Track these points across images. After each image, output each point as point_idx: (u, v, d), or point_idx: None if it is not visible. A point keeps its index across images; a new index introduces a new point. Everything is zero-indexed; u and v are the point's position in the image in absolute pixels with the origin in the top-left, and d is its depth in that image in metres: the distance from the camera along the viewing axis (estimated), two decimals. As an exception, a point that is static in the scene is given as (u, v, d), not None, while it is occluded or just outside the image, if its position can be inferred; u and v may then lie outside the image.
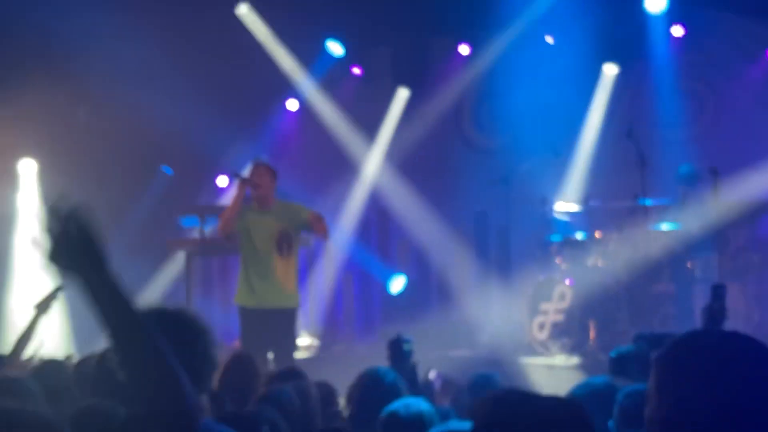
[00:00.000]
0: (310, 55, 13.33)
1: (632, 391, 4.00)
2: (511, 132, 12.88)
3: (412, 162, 13.44)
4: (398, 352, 5.39)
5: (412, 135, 13.45)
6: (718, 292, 4.83)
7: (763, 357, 2.20)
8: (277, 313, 8.60)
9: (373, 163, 13.60)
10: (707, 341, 2.29)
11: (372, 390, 4.60)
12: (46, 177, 12.26)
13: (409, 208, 13.28)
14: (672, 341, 2.29)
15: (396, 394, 4.50)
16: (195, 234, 11.32)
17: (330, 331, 12.95)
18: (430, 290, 13.26)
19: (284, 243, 8.58)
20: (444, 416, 4.67)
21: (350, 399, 4.69)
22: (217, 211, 11.73)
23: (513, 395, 2.43)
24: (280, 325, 8.59)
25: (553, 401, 2.40)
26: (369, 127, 13.63)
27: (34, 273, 11.81)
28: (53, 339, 8.39)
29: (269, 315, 8.55)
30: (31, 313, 6.64)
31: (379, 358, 7.78)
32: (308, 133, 13.81)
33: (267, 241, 8.59)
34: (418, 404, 4.15)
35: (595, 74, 12.97)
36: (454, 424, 3.98)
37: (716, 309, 4.74)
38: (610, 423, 4.09)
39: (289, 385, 5.00)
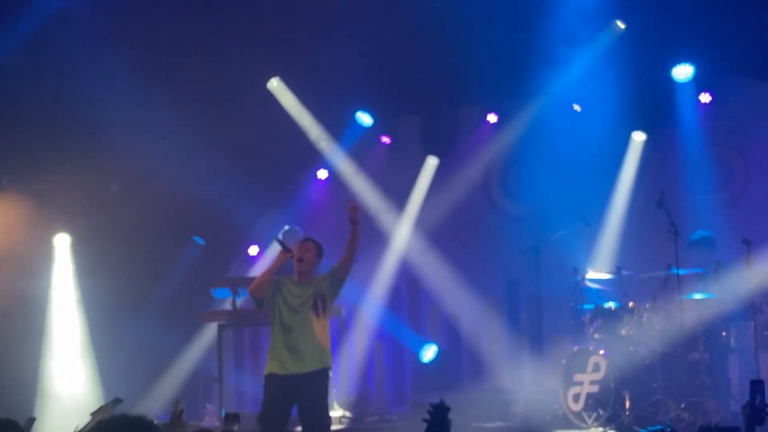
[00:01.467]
0: (340, 126, 13.44)
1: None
2: (541, 200, 12.84)
3: (442, 230, 13.35)
4: (440, 418, 4.89)
5: (442, 203, 13.41)
6: (756, 388, 4.68)
7: None
8: (312, 374, 8.28)
9: (403, 230, 13.55)
10: None
11: None
12: (79, 250, 12.33)
13: (439, 276, 13.23)
14: None
15: None
16: (227, 305, 11.25)
17: (362, 401, 12.71)
18: (462, 360, 13.17)
19: (319, 304, 8.37)
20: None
21: None
22: (249, 283, 11.85)
23: None
24: (316, 383, 8.28)
25: None
26: (398, 195, 13.63)
27: (68, 340, 12.13)
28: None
29: (304, 377, 8.25)
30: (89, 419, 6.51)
31: (411, 429, 8.07)
32: (338, 201, 13.35)
33: (304, 305, 8.37)
34: None
35: (624, 141, 12.94)
36: None
37: (757, 407, 4.63)
38: None
39: None
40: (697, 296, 10.36)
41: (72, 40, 10.37)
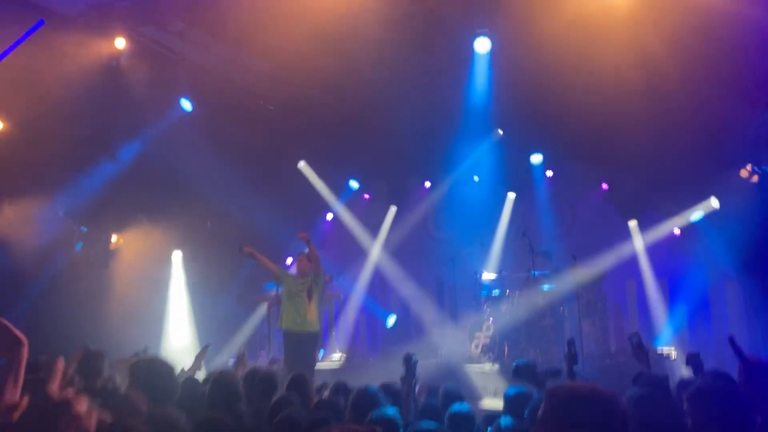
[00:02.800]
0: (339, 188, 13.29)
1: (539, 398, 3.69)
2: (457, 230, 12.78)
3: (399, 249, 13.36)
4: (409, 363, 4.72)
5: (399, 233, 13.44)
6: (571, 343, 4.43)
7: (602, 402, 2.10)
8: (306, 333, 8.41)
9: (376, 249, 13.51)
10: (571, 392, 2.19)
11: (365, 399, 4.16)
12: (187, 263, 12.14)
13: (397, 276, 13.27)
14: (552, 389, 2.23)
15: (378, 402, 4.08)
16: (272, 293, 11.32)
17: (352, 349, 12.71)
18: (410, 325, 13.08)
19: (310, 292, 8.46)
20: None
21: (353, 405, 4.18)
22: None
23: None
24: (309, 341, 8.46)
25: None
26: (374, 229, 13.59)
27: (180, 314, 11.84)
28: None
29: (302, 335, 8.40)
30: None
31: (382, 367, 8.40)
32: (339, 233, 13.66)
33: (301, 292, 8.47)
34: (394, 411, 3.77)
35: (502, 198, 13.11)
36: (425, 423, 3.72)
37: (571, 354, 4.33)
38: (526, 412, 3.83)
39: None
40: (545, 287, 10.47)
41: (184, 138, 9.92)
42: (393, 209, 13.66)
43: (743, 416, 2.51)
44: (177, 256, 12.11)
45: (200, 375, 5.46)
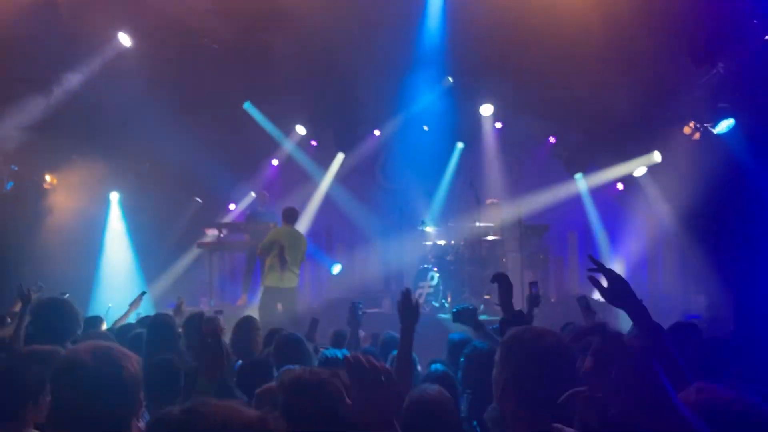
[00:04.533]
0: (286, 133, 13.06)
1: (474, 346, 3.84)
2: (404, 180, 12.78)
3: (346, 197, 13.23)
4: (355, 311, 4.93)
5: (346, 181, 13.36)
6: (533, 285, 4.67)
7: (557, 346, 2.22)
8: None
9: (319, 195, 13.37)
10: (527, 335, 2.29)
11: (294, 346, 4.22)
12: (125, 205, 12.00)
13: (344, 227, 13.35)
14: (510, 333, 2.31)
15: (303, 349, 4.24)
16: (213, 239, 11.25)
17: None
18: (355, 274, 12.77)
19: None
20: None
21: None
22: (228, 226, 11.88)
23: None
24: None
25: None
26: (321, 177, 13.43)
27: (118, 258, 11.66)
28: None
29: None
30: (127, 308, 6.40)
31: (327, 311, 8.67)
32: (285, 180, 13.55)
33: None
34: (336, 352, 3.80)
35: (451, 148, 13.16)
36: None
37: (534, 296, 4.58)
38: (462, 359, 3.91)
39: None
40: (489, 237, 10.54)
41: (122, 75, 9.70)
42: (340, 156, 13.48)
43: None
44: (114, 198, 11.92)
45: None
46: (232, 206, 13.41)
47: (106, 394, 2.12)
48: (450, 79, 11.56)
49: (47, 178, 10.97)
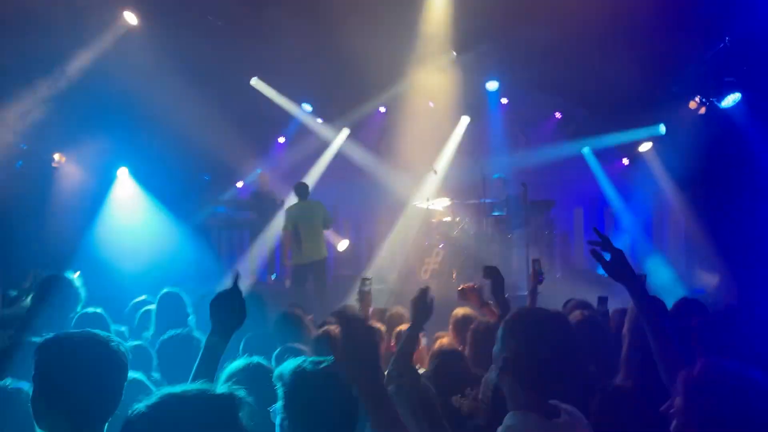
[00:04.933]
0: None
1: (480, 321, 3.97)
2: (406, 154, 12.37)
3: (351, 166, 13.14)
4: (364, 287, 4.58)
5: (351, 158, 13.29)
6: (536, 262, 4.70)
7: (558, 327, 2.25)
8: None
9: (316, 172, 13.13)
10: (529, 317, 2.34)
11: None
12: (134, 181, 11.75)
13: (350, 203, 13.21)
14: (513, 312, 2.37)
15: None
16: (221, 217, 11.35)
17: None
18: (362, 250, 13.02)
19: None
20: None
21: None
22: (235, 203, 12.01)
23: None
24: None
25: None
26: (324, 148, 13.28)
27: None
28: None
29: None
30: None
31: (333, 288, 8.83)
32: (290, 156, 13.38)
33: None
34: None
35: (456, 123, 13.08)
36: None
37: (537, 273, 4.58)
38: None
39: None
40: (495, 213, 10.75)
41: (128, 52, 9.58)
42: (345, 131, 13.39)
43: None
44: (123, 173, 11.71)
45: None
46: (239, 183, 13.35)
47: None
48: (454, 53, 11.41)
49: (56, 156, 10.96)
